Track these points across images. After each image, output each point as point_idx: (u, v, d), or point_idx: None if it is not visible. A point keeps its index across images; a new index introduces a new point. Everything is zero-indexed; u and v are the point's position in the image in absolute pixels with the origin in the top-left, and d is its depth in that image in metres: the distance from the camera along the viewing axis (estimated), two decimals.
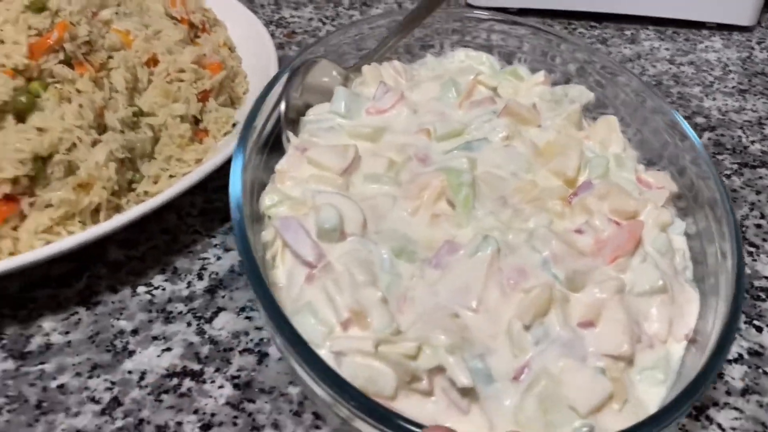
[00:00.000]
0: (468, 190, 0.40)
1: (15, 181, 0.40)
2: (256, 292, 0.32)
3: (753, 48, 0.73)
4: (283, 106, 0.46)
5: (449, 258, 0.36)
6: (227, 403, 0.36)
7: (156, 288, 0.43)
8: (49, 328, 0.40)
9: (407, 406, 0.31)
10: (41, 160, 0.41)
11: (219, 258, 0.45)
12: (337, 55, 0.52)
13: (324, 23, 0.73)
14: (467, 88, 0.49)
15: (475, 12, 0.57)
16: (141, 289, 0.43)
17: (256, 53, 0.58)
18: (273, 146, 0.43)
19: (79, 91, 0.45)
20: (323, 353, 0.32)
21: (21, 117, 0.43)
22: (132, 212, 0.40)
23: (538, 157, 0.44)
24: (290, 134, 0.45)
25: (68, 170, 0.42)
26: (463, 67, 0.54)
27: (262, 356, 0.39)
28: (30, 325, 0.40)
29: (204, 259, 0.45)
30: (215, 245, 0.46)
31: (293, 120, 0.46)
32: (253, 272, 0.32)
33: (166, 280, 0.43)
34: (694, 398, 0.29)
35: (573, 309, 0.34)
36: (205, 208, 0.49)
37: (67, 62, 0.46)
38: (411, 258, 0.37)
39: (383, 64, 0.52)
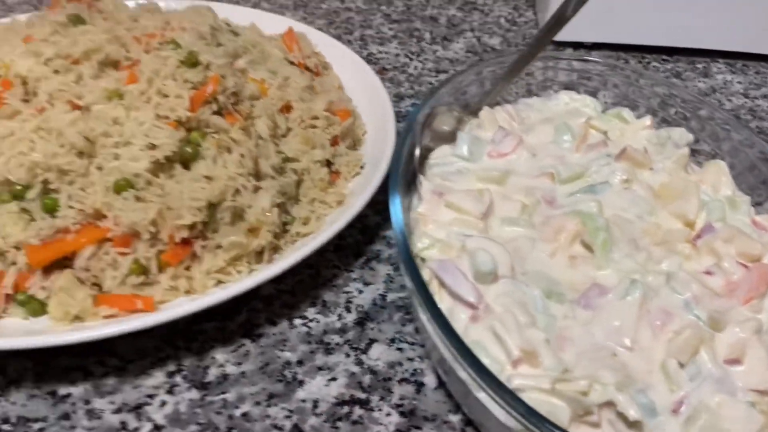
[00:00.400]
0: (605, 234, 0.43)
1: (191, 226, 0.44)
2: (441, 327, 0.36)
3: None
4: (417, 152, 0.50)
5: (599, 300, 0.40)
6: (397, 430, 0.40)
7: (310, 320, 0.47)
8: (222, 359, 0.44)
9: None
10: (210, 208, 0.45)
11: (361, 291, 0.49)
12: (453, 99, 0.56)
13: (411, 59, 0.77)
14: (581, 133, 0.53)
15: (553, 51, 0.60)
16: (297, 321, 0.47)
17: (364, 92, 0.62)
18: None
19: (233, 140, 0.49)
20: None
21: (186, 165, 0.47)
22: (300, 252, 0.44)
23: (657, 200, 0.48)
24: (423, 178, 0.49)
25: (234, 215, 0.46)
26: (569, 109, 0.58)
27: (419, 386, 0.43)
28: (204, 356, 0.44)
29: (347, 292, 0.49)
30: (354, 279, 0.50)
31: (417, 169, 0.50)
32: (434, 308, 0.36)
33: (318, 313, 0.47)
34: None
35: (718, 347, 0.38)
36: (339, 244, 0.53)
37: (218, 112, 0.50)
38: (560, 299, 0.41)
39: (496, 108, 0.56)
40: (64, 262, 0.44)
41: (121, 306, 0.42)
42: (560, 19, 0.58)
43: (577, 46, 0.80)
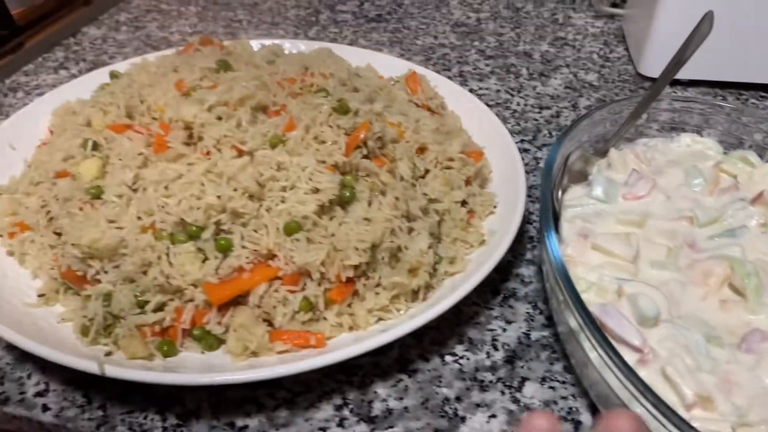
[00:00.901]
0: (756, 279, 0.45)
1: (356, 266, 0.47)
2: (618, 366, 0.37)
3: None
4: (560, 194, 0.52)
5: (762, 345, 0.42)
6: None
7: (461, 357, 0.49)
8: (384, 394, 0.46)
9: None
10: (372, 249, 0.47)
11: (504, 330, 0.51)
12: (582, 140, 0.58)
13: (512, 95, 0.80)
14: (712, 176, 0.54)
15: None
16: (448, 358, 0.49)
17: (480, 130, 0.64)
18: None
19: (383, 183, 0.51)
20: None
21: (342, 207, 0.50)
22: (459, 292, 0.46)
23: None
24: (564, 220, 0.51)
25: (391, 255, 0.48)
26: (693, 151, 0.59)
27: (576, 423, 0.45)
28: (366, 390, 0.47)
29: (491, 330, 0.51)
30: (495, 317, 0.52)
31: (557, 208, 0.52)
32: (609, 347, 0.38)
33: (466, 350, 0.49)
34: None
35: None
36: None
37: (366, 156, 0.53)
38: (719, 343, 0.42)
39: (623, 150, 0.58)
40: (236, 299, 0.47)
41: (295, 342, 0.45)
42: (679, 61, 0.60)
43: (673, 83, 0.82)
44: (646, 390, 0.36)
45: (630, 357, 0.42)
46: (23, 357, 0.48)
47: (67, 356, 0.42)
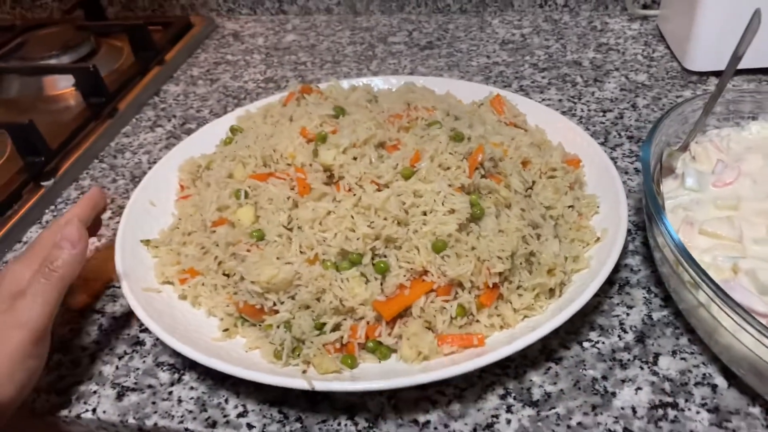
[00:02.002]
0: None
1: (500, 273, 0.54)
2: (760, 329, 0.44)
3: None
4: (654, 186, 0.59)
5: None
6: (711, 424, 0.49)
7: (596, 343, 0.56)
8: (539, 381, 0.53)
9: None
10: (512, 257, 0.54)
11: (628, 314, 0.58)
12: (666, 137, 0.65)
13: (574, 103, 0.87)
14: None
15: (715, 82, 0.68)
16: (586, 344, 0.56)
17: (565, 139, 0.71)
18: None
19: (504, 197, 0.58)
20: None
21: (476, 223, 0.57)
22: (593, 287, 0.53)
23: None
24: (668, 212, 0.58)
25: (525, 258, 0.55)
26: (764, 136, 0.66)
27: (713, 387, 0.51)
28: (522, 379, 0.53)
29: (617, 316, 0.58)
30: (617, 304, 0.59)
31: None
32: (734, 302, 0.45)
33: (600, 336, 0.56)
34: None
35: None
36: None
37: (484, 176, 0.60)
38: None
39: (703, 143, 0.65)
40: (400, 313, 0.54)
41: (460, 344, 0.52)
42: (737, 57, 0.67)
43: (716, 74, 0.88)
44: None
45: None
46: (216, 385, 0.55)
47: (279, 377, 0.49)
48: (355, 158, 0.59)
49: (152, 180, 0.71)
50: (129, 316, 0.63)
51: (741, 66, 0.87)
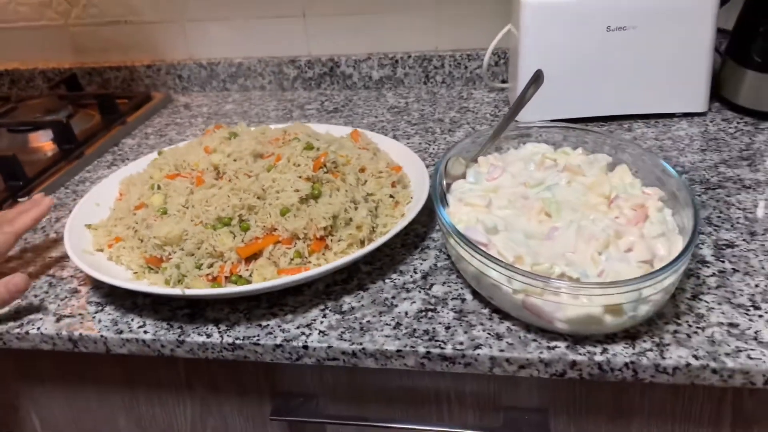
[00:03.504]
0: (556, 205, 0.77)
1: (325, 228, 0.79)
2: (475, 249, 0.69)
3: (708, 125, 1.12)
4: (444, 182, 0.86)
5: (555, 233, 0.73)
6: (453, 319, 0.72)
7: (395, 279, 0.80)
8: (348, 300, 0.77)
9: None
10: (333, 218, 0.80)
11: (421, 264, 0.82)
12: (459, 154, 0.92)
13: (429, 144, 1.15)
14: (540, 161, 0.88)
15: (526, 123, 0.96)
16: (387, 280, 0.80)
17: (405, 162, 0.98)
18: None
19: (337, 186, 0.84)
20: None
21: (315, 199, 0.82)
22: (385, 237, 0.78)
23: (588, 190, 0.82)
24: (449, 196, 0.84)
25: (345, 222, 0.81)
26: (531, 152, 0.93)
27: (462, 299, 0.75)
28: (339, 300, 0.77)
29: (413, 265, 0.82)
30: (416, 258, 0.83)
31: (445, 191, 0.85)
32: (470, 243, 0.70)
33: (398, 275, 0.80)
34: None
35: (621, 246, 0.71)
36: (404, 243, 0.86)
37: (326, 173, 0.86)
38: (534, 238, 0.74)
39: (487, 156, 0.92)
40: (255, 256, 0.78)
41: (292, 273, 0.76)
42: (521, 102, 0.95)
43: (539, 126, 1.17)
44: (491, 258, 0.68)
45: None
46: (126, 312, 0.78)
47: (165, 288, 0.73)
48: (235, 160, 0.86)
49: (97, 190, 0.96)
50: (73, 278, 0.86)
51: (561, 116, 1.15)
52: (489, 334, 0.70)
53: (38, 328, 0.77)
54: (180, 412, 0.86)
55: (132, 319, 0.77)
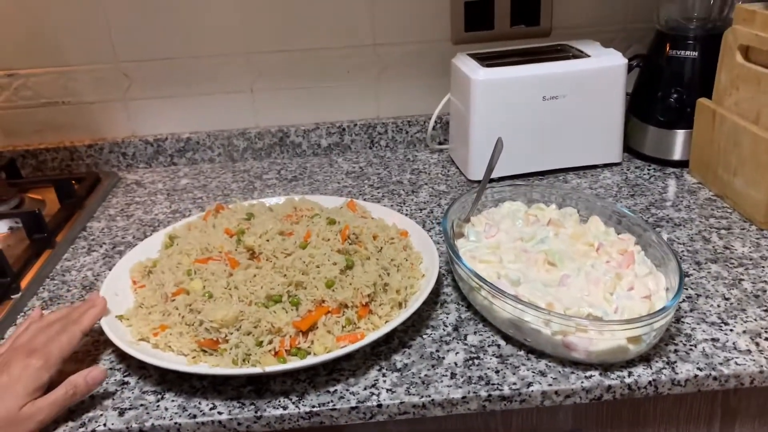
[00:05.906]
0: (559, 255, 0.93)
1: (368, 296, 0.87)
2: (496, 291, 0.81)
3: (626, 173, 1.35)
4: (451, 241, 0.98)
5: (568, 280, 0.88)
6: (497, 363, 0.84)
7: (430, 334, 0.90)
8: (399, 358, 0.86)
9: None
10: (374, 285, 0.89)
11: (447, 317, 0.93)
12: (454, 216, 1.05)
13: (401, 206, 1.27)
14: (526, 218, 1.04)
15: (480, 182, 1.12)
16: (424, 336, 0.90)
17: (397, 221, 1.09)
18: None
19: (365, 256, 0.94)
20: None
21: (350, 269, 0.91)
22: (421, 298, 0.88)
23: (573, 239, 0.98)
24: (459, 253, 0.97)
25: (382, 287, 0.90)
26: (512, 209, 1.08)
27: (498, 345, 0.87)
28: (390, 359, 0.86)
29: (440, 319, 0.93)
30: (440, 313, 0.94)
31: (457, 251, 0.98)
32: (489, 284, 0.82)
33: (432, 331, 0.91)
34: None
35: (624, 285, 0.87)
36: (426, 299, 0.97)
37: (351, 244, 0.95)
38: (550, 286, 0.89)
39: (479, 216, 1.06)
40: (311, 328, 0.85)
41: (350, 339, 0.84)
42: (490, 167, 1.10)
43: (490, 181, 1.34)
44: (531, 306, 0.81)
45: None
46: (189, 397, 0.81)
47: (245, 369, 0.78)
48: (267, 240, 0.92)
49: (109, 281, 0.97)
50: (114, 371, 0.87)
51: (507, 174, 1.32)
52: (533, 372, 0.82)
53: (104, 425, 0.78)
54: None
55: (199, 402, 0.80)
